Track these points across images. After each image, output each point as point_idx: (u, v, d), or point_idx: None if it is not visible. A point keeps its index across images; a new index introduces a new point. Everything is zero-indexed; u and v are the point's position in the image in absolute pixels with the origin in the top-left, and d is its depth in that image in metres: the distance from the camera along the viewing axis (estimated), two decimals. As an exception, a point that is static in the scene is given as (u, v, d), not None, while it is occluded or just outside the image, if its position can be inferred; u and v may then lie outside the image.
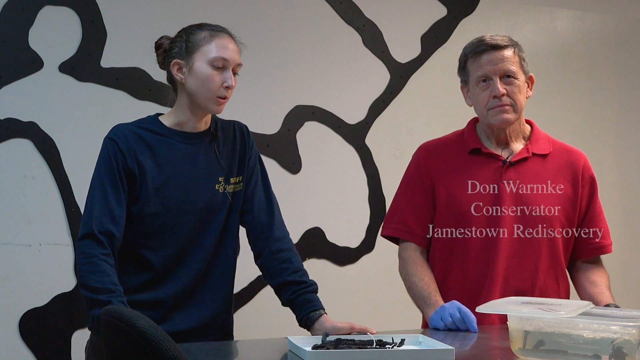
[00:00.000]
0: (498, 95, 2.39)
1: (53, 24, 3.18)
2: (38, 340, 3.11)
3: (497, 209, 2.42)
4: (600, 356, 1.76)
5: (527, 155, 2.46)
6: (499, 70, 2.40)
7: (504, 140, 2.48)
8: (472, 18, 3.96)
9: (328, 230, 3.65)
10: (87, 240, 2.14)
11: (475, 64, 2.43)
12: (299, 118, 3.62)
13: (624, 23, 4.34)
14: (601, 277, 2.46)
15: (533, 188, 2.44)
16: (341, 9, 3.70)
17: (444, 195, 2.46)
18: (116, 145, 2.21)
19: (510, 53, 2.42)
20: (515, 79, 2.41)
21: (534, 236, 2.42)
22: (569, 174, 2.48)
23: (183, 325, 2.23)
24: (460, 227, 2.44)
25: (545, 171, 2.46)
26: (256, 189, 2.35)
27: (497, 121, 2.42)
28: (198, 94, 2.23)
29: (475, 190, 2.44)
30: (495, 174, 2.44)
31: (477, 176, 2.44)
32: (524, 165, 2.45)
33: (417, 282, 2.42)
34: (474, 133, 2.52)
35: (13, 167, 3.12)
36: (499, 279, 2.39)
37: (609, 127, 4.30)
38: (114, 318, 1.48)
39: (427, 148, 2.56)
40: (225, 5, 3.47)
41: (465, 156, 2.49)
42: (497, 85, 2.39)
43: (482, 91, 2.42)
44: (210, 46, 2.22)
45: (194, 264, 2.26)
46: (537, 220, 2.42)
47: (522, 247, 2.42)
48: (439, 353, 1.82)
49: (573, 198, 2.46)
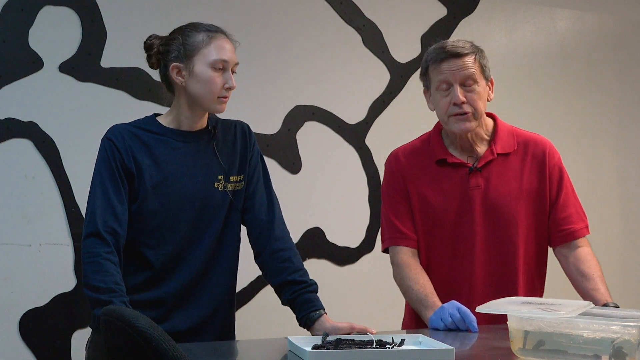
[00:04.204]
0: (458, 102, 2.40)
1: (53, 24, 3.18)
2: (38, 340, 3.11)
3: (468, 215, 2.44)
4: (600, 356, 1.76)
5: (492, 157, 2.47)
6: (459, 77, 2.40)
7: (468, 146, 2.49)
8: (472, 18, 3.96)
9: (328, 230, 3.65)
10: (92, 239, 2.15)
11: (435, 70, 2.44)
12: (299, 118, 3.62)
13: (624, 23, 4.34)
14: (590, 268, 2.43)
15: (501, 190, 2.45)
16: (341, 9, 3.70)
17: (417, 203, 2.49)
18: (113, 144, 2.22)
19: (470, 60, 2.42)
20: (476, 85, 2.41)
21: (507, 238, 2.44)
22: (535, 167, 2.48)
23: (184, 324, 2.24)
24: (434, 235, 2.47)
25: (511, 169, 2.47)
26: (257, 187, 2.36)
27: (457, 129, 2.43)
28: (201, 97, 2.24)
29: (444, 200, 2.46)
30: (463, 182, 2.46)
31: (445, 186, 2.47)
32: (490, 168, 2.46)
33: (412, 286, 2.42)
34: (440, 141, 2.53)
35: (13, 167, 3.12)
36: (479, 285, 2.43)
37: (609, 127, 4.30)
38: (114, 318, 1.48)
39: (397, 156, 2.58)
40: (225, 5, 3.47)
41: (432, 166, 2.50)
42: (457, 93, 2.40)
43: (443, 97, 2.43)
44: (209, 49, 2.23)
45: (194, 262, 2.26)
46: (509, 221, 2.44)
47: (499, 251, 2.44)
48: (439, 353, 1.82)
49: (541, 191, 2.47)
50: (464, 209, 2.45)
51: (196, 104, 2.26)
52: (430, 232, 2.47)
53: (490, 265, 2.44)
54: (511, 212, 2.44)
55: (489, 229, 2.44)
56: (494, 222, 2.44)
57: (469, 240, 2.44)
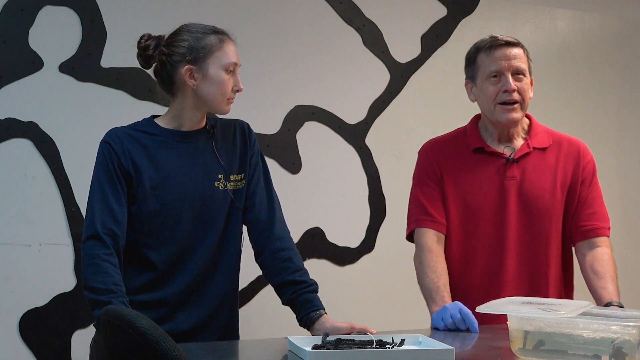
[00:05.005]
0: (509, 90, 2.43)
1: (53, 24, 3.18)
2: (38, 340, 3.11)
3: (503, 205, 2.46)
4: (600, 356, 1.76)
5: (529, 150, 2.50)
6: (512, 67, 2.45)
7: (506, 138, 2.52)
8: (472, 18, 3.96)
9: (328, 230, 3.65)
10: (91, 241, 2.16)
11: (488, 58, 2.47)
12: (299, 118, 3.62)
13: (624, 23, 4.34)
14: (604, 267, 2.45)
15: (536, 182, 2.48)
16: (341, 9, 3.70)
17: (452, 191, 2.50)
18: (110, 147, 2.23)
19: (521, 52, 2.48)
20: (525, 77, 2.47)
21: (541, 230, 2.46)
22: (569, 163, 2.52)
23: (187, 324, 2.24)
24: (469, 224, 2.48)
25: (546, 163, 2.50)
26: (258, 187, 2.36)
27: (504, 119, 2.46)
28: (213, 99, 2.25)
29: (481, 188, 2.47)
30: (499, 172, 2.48)
31: (481, 174, 2.48)
32: (526, 161, 2.49)
33: (428, 274, 2.42)
34: (477, 131, 2.55)
35: (13, 167, 3.12)
36: (511, 274, 2.44)
37: (609, 127, 4.30)
38: (114, 318, 1.48)
39: (432, 146, 2.60)
40: (226, 5, 3.47)
41: (469, 155, 2.53)
42: (509, 80, 2.43)
43: (491, 85, 2.46)
44: (222, 52, 2.24)
45: (197, 262, 2.26)
46: (543, 213, 2.46)
47: (531, 242, 2.46)
48: (439, 353, 1.82)
49: (573, 185, 2.50)
50: (500, 199, 2.46)
51: (203, 105, 2.27)
52: (468, 221, 2.48)
53: (522, 255, 2.46)
54: (545, 204, 2.47)
55: (523, 220, 2.46)
56: (528, 214, 2.46)
57: (503, 230, 2.45)
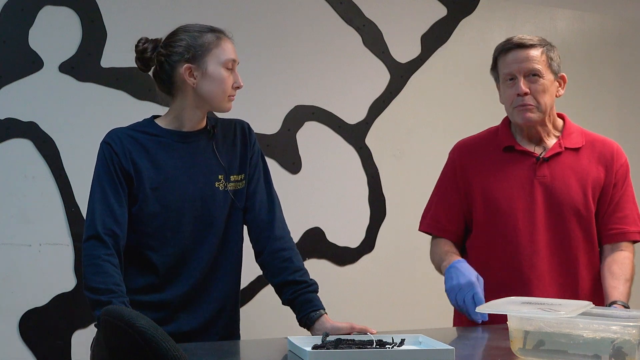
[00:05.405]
0: (521, 93, 2.44)
1: (53, 24, 3.18)
2: (38, 340, 3.11)
3: (532, 204, 2.45)
4: (600, 356, 1.76)
5: (560, 150, 2.49)
6: (523, 69, 2.44)
7: (537, 137, 2.52)
8: (472, 18, 3.96)
9: (328, 230, 3.65)
10: (92, 242, 2.16)
11: (502, 62, 2.48)
12: (299, 118, 3.62)
13: (624, 23, 4.34)
14: (622, 269, 2.43)
15: (567, 182, 2.46)
16: (341, 9, 3.70)
17: (479, 192, 2.50)
18: (111, 148, 2.23)
19: (536, 52, 2.45)
20: (540, 78, 2.44)
21: (570, 230, 2.45)
22: (602, 164, 2.51)
23: (189, 325, 2.24)
24: (497, 223, 2.47)
25: (578, 164, 2.49)
26: (258, 186, 2.36)
27: (520, 120, 2.47)
28: (214, 96, 2.25)
29: (509, 186, 2.47)
30: (529, 171, 2.48)
31: (511, 173, 2.48)
32: (557, 160, 2.48)
33: (438, 252, 2.51)
34: (508, 131, 2.56)
35: (13, 167, 3.12)
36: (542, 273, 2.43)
37: (609, 127, 4.29)
38: (114, 318, 1.48)
39: (462, 147, 2.61)
40: (225, 5, 3.47)
41: (499, 153, 2.53)
42: (520, 84, 2.44)
43: (508, 89, 2.48)
44: (221, 49, 2.25)
45: (198, 263, 2.26)
46: (572, 214, 2.45)
47: (562, 242, 2.45)
48: (439, 353, 1.82)
49: (605, 187, 2.49)
50: (529, 198, 2.45)
51: (205, 104, 2.27)
52: (496, 219, 2.47)
53: (553, 255, 2.45)
54: (575, 205, 2.45)
55: (552, 220, 2.45)
56: (557, 214, 2.45)
57: (533, 229, 2.44)
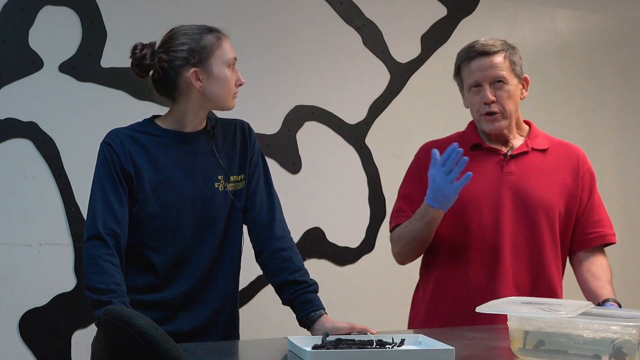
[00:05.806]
0: (487, 102, 2.44)
1: (53, 24, 3.18)
2: (38, 340, 3.11)
3: (499, 200, 2.46)
4: (600, 356, 1.76)
5: (527, 149, 2.51)
6: (488, 77, 2.44)
7: (503, 139, 2.53)
8: (472, 18, 3.96)
9: (328, 230, 3.65)
10: (92, 242, 2.16)
11: (466, 70, 2.48)
12: (299, 118, 3.62)
13: (624, 23, 4.34)
14: (602, 270, 2.47)
15: (534, 180, 2.48)
16: (341, 9, 3.70)
17: None
18: (111, 148, 2.22)
19: (500, 59, 2.45)
20: (505, 84, 2.45)
21: (536, 226, 2.45)
22: (569, 167, 2.52)
23: (189, 325, 2.24)
24: (463, 218, 2.47)
25: (545, 164, 2.51)
26: (258, 187, 2.36)
27: (488, 129, 2.49)
28: (220, 96, 2.25)
29: (476, 182, 2.45)
30: (496, 167, 2.49)
31: (479, 169, 2.47)
32: (524, 159, 2.50)
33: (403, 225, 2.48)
34: (475, 132, 2.56)
35: (13, 167, 3.12)
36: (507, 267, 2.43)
37: (609, 127, 4.30)
38: (114, 318, 1.48)
39: (428, 148, 2.58)
40: (225, 5, 3.47)
41: (467, 151, 2.51)
42: (487, 92, 2.44)
43: (474, 96, 2.48)
44: (222, 49, 2.24)
45: (198, 264, 2.26)
46: (538, 210, 2.45)
47: (527, 237, 2.45)
48: (439, 353, 1.82)
49: (573, 191, 2.50)
50: (495, 193, 2.46)
51: (210, 104, 2.27)
52: (461, 214, 2.46)
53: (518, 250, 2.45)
54: (542, 202, 2.45)
55: (519, 216, 2.45)
56: (523, 210, 2.45)
57: (499, 224, 2.44)
